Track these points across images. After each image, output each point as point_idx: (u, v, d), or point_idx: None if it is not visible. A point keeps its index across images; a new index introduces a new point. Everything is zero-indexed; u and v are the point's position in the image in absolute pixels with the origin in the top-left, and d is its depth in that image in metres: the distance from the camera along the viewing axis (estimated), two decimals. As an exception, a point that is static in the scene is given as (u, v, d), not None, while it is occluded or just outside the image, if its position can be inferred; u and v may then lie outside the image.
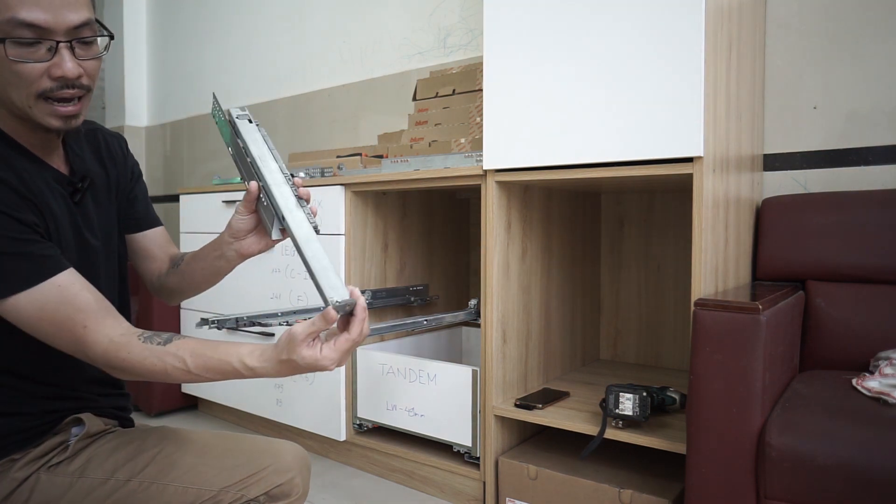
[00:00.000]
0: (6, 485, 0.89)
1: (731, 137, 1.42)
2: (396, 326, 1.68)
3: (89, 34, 0.84)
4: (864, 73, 1.61)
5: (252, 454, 0.95)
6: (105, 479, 0.91)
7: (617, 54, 1.33)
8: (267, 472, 0.94)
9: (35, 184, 0.87)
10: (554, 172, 1.45)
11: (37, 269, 0.82)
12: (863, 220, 1.49)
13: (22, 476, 0.89)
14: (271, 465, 0.95)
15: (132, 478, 0.91)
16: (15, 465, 0.90)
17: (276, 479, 0.94)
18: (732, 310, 1.09)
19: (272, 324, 1.59)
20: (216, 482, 0.92)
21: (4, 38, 0.79)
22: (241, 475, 0.93)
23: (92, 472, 0.91)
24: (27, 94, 0.82)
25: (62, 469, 0.91)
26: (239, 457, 0.95)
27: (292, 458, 0.97)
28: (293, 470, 0.96)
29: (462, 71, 2.04)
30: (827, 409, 1.08)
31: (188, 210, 2.35)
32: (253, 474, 0.93)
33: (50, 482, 0.90)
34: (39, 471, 0.90)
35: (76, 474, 0.91)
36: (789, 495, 1.01)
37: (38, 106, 0.83)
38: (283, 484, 0.94)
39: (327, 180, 1.89)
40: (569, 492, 1.43)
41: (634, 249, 2.00)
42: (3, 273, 0.80)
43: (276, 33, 3.02)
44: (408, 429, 1.73)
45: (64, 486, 0.90)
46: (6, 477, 0.89)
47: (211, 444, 0.97)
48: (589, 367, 1.96)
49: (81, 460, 0.92)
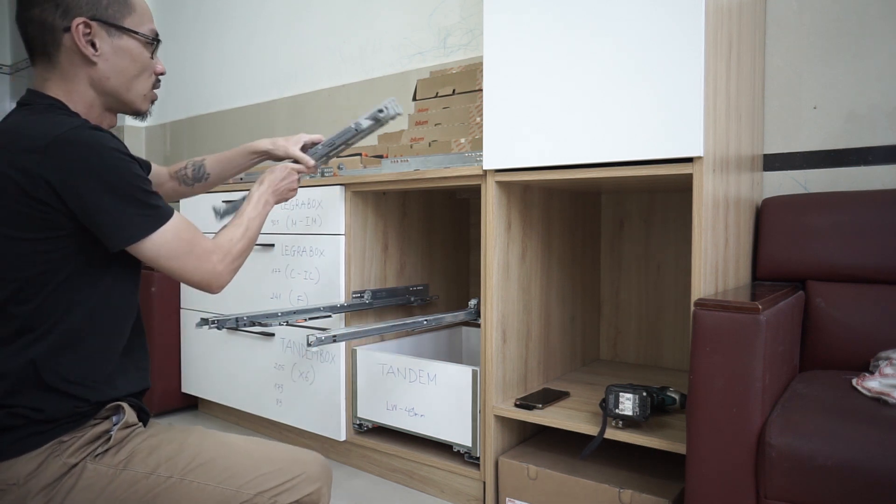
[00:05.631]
0: (57, 469, 0.91)
1: (731, 137, 1.42)
2: (396, 326, 1.68)
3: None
4: (864, 73, 1.61)
5: (286, 463, 1.00)
6: (148, 473, 0.94)
7: (617, 54, 1.33)
8: (299, 481, 0.99)
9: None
10: (554, 172, 1.45)
11: (167, 206, 0.97)
12: (863, 220, 1.48)
13: (72, 462, 0.92)
14: (303, 475, 1.00)
15: (173, 475, 0.95)
16: (65, 450, 0.92)
17: (307, 489, 0.99)
18: (732, 310, 1.09)
19: (272, 324, 1.59)
20: (252, 487, 0.96)
21: (153, 43, 1.03)
22: (275, 482, 0.98)
23: (135, 466, 0.95)
24: (146, 85, 1.05)
25: (107, 460, 0.94)
26: (275, 464, 1.00)
27: (321, 469, 1.03)
28: (321, 480, 1.02)
29: (462, 71, 2.04)
30: (827, 409, 1.08)
31: (188, 210, 2.35)
32: (287, 481, 0.98)
33: (95, 472, 0.93)
34: (86, 459, 0.93)
35: (120, 466, 0.94)
36: (789, 495, 1.01)
37: (147, 95, 1.06)
38: (312, 493, 1.00)
39: (327, 180, 1.89)
40: (569, 492, 1.43)
41: (634, 249, 2.00)
42: (154, 208, 0.94)
43: (276, 33, 3.02)
44: (408, 429, 1.73)
45: (108, 476, 0.93)
46: (58, 460, 0.92)
47: (248, 450, 1.01)
48: (589, 367, 1.97)
49: (125, 453, 0.95)
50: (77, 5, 0.95)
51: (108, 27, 0.97)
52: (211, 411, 2.46)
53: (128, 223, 0.91)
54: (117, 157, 0.91)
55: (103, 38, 0.97)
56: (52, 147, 0.87)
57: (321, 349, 1.90)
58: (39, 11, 0.95)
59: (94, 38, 0.96)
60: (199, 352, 2.35)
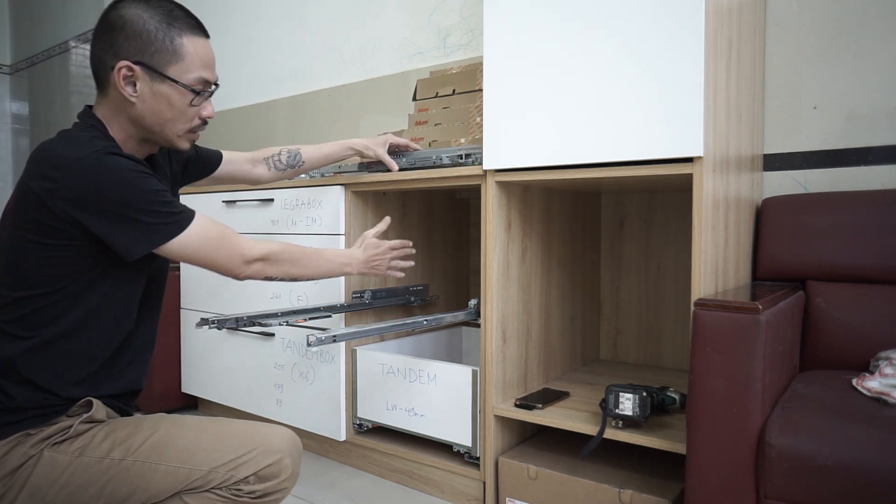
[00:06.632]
0: (17, 458, 0.95)
1: (731, 137, 1.42)
2: (396, 326, 1.68)
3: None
4: (864, 73, 1.61)
5: (243, 437, 1.01)
6: (101, 458, 0.97)
7: (617, 54, 1.33)
8: (256, 454, 0.99)
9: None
10: (554, 172, 1.45)
11: (188, 210, 1.04)
12: (863, 220, 1.48)
13: (32, 452, 0.95)
14: (260, 447, 1.00)
15: (126, 457, 0.97)
16: (29, 441, 0.96)
17: (265, 460, 0.99)
18: (732, 310, 1.09)
19: (272, 324, 1.59)
20: (207, 462, 0.98)
21: (197, 90, 1.06)
22: (230, 456, 0.98)
23: (90, 452, 0.97)
24: (182, 128, 1.08)
25: (64, 448, 0.97)
26: (229, 440, 1.00)
27: (281, 441, 1.03)
28: (282, 451, 1.01)
29: (462, 71, 2.04)
30: (827, 409, 1.08)
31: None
32: (242, 455, 0.99)
33: (52, 459, 0.96)
34: (44, 449, 0.96)
35: (76, 453, 0.97)
36: (789, 495, 1.01)
37: (184, 135, 1.09)
38: (272, 465, 0.99)
39: (327, 180, 1.89)
40: (569, 492, 1.43)
41: (634, 249, 2.00)
42: (177, 213, 1.02)
43: (276, 33, 3.02)
44: (408, 429, 1.73)
45: (64, 463, 0.96)
46: (19, 451, 0.95)
47: (204, 428, 1.02)
48: (589, 367, 1.97)
49: (82, 441, 0.98)
50: (126, 49, 1.01)
51: (150, 72, 1.03)
52: (211, 411, 2.46)
53: (145, 232, 0.98)
54: (130, 175, 0.97)
55: (145, 81, 1.03)
56: (72, 167, 0.94)
57: (321, 349, 1.90)
58: (99, 46, 1.04)
59: (136, 80, 1.02)
60: (199, 352, 2.35)
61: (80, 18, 4.33)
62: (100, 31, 1.03)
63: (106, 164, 0.95)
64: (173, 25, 1.03)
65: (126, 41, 1.01)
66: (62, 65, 4.55)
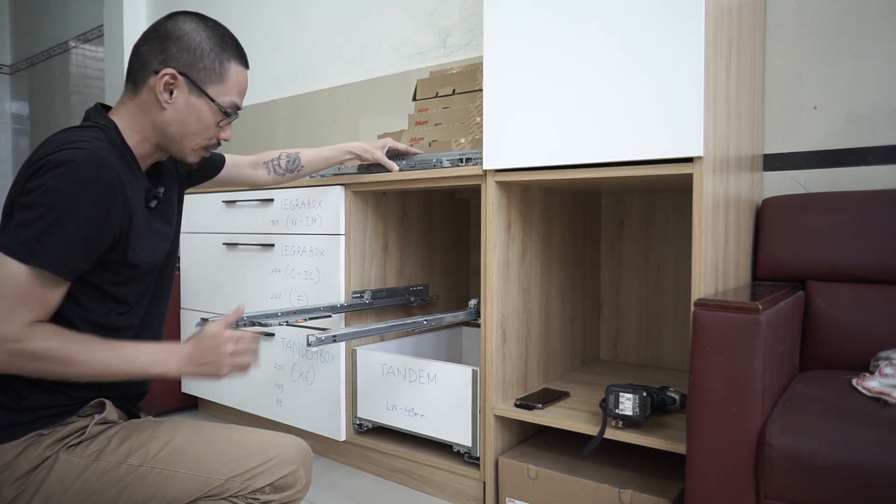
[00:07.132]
0: (31, 460, 0.94)
1: (730, 137, 1.42)
2: (396, 326, 1.68)
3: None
4: (864, 73, 1.61)
5: (259, 446, 1.01)
6: (118, 463, 0.96)
7: (617, 54, 1.33)
8: (272, 464, 1.00)
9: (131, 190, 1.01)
10: (554, 172, 1.45)
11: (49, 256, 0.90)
12: (863, 220, 1.48)
13: (47, 454, 0.95)
14: (277, 458, 1.01)
15: (144, 463, 0.97)
16: (42, 442, 0.95)
17: (280, 471, 1.00)
18: (732, 310, 1.09)
19: (272, 324, 1.59)
20: (224, 471, 0.98)
21: (227, 112, 1.09)
22: (247, 466, 0.99)
23: (106, 457, 0.97)
24: (200, 143, 1.10)
25: (80, 451, 0.96)
26: (246, 448, 1.01)
27: (296, 451, 1.04)
28: (297, 462, 1.02)
29: (462, 71, 2.04)
30: (827, 409, 1.08)
31: (188, 210, 2.35)
32: (259, 465, 0.99)
33: (67, 462, 0.95)
34: (59, 451, 0.96)
35: (92, 457, 0.96)
36: (789, 495, 1.01)
37: (198, 150, 1.11)
38: (287, 476, 1.01)
39: (327, 180, 1.89)
40: (569, 492, 1.43)
41: (634, 249, 2.00)
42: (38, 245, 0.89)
43: (275, 33, 3.02)
44: (408, 429, 1.73)
45: (80, 467, 0.95)
46: (33, 452, 0.94)
47: (220, 436, 1.03)
48: (589, 367, 1.97)
49: (98, 444, 0.98)
50: (177, 59, 1.04)
51: (192, 85, 1.05)
52: (211, 411, 2.46)
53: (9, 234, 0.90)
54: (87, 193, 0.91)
55: (183, 91, 1.05)
56: (40, 164, 0.93)
57: (321, 349, 1.90)
58: (147, 49, 1.05)
59: (175, 88, 1.05)
60: (199, 352, 2.35)
61: (80, 18, 4.33)
62: (153, 36, 1.06)
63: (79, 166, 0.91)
64: (225, 50, 1.08)
65: (179, 52, 1.04)
66: (62, 65, 4.55)
